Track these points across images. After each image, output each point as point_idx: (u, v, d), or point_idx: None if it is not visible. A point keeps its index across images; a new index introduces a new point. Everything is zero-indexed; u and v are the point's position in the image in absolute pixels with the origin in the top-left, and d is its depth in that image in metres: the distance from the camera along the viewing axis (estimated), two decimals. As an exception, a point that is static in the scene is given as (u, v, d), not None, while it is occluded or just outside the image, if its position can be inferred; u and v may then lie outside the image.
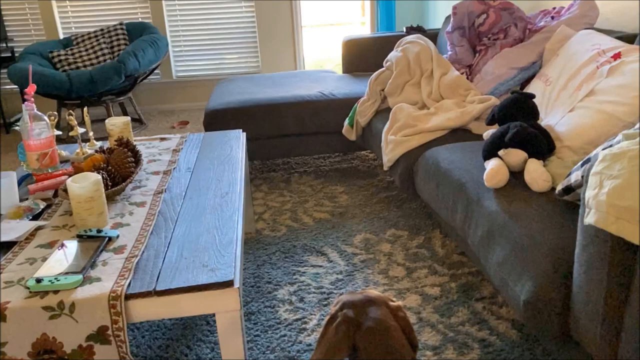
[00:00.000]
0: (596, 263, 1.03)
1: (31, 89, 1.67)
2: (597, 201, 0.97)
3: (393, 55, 2.59)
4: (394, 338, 0.84)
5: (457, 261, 1.95)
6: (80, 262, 1.15)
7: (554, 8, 2.42)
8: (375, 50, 3.35)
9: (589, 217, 0.98)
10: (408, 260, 1.97)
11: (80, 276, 1.10)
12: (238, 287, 1.10)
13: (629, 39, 1.91)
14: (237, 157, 1.84)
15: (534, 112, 1.71)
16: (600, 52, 1.77)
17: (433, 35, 3.26)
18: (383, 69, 2.58)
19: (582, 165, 1.24)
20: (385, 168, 2.22)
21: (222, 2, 4.49)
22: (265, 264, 2.00)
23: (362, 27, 8.54)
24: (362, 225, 2.27)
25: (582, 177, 1.19)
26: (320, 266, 1.96)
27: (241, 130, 2.19)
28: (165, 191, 1.56)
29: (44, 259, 1.20)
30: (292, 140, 2.82)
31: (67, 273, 1.11)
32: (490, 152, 1.59)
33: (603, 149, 1.19)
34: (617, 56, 1.69)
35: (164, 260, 1.19)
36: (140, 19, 4.45)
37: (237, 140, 2.02)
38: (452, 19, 2.51)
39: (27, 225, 1.35)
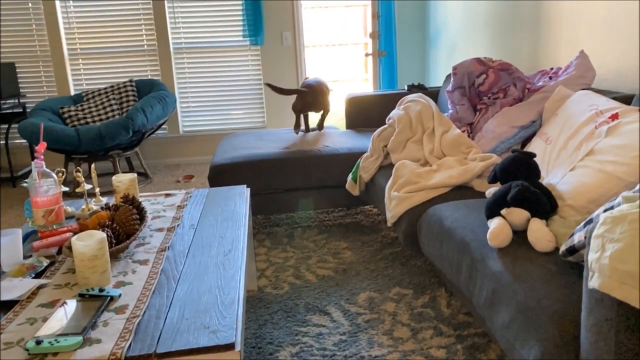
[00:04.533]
0: (603, 327, 1.02)
1: (41, 147, 1.71)
2: (600, 265, 0.97)
3: (395, 112, 2.65)
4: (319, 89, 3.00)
5: (463, 321, 1.92)
6: (81, 322, 1.14)
7: (552, 68, 2.50)
8: (378, 107, 3.43)
9: (593, 281, 0.98)
10: (413, 321, 1.94)
11: (80, 337, 1.08)
12: (239, 350, 1.08)
13: (625, 99, 1.96)
14: (240, 213, 1.85)
15: (535, 171, 1.73)
16: (598, 113, 1.81)
17: (434, 93, 3.34)
18: (386, 125, 2.63)
19: (585, 225, 1.25)
20: (389, 224, 2.22)
21: (230, 60, 4.64)
22: (267, 323, 1.97)
23: (365, 83, 8.76)
24: (366, 283, 2.25)
25: (585, 237, 1.19)
26: (324, 326, 1.93)
27: (245, 185, 2.21)
28: (168, 249, 1.56)
29: (45, 319, 1.19)
30: (296, 195, 2.84)
31: (67, 334, 1.10)
32: (493, 211, 1.60)
33: (604, 210, 1.20)
34: (614, 117, 1.73)
35: (165, 321, 1.17)
36: (149, 76, 4.60)
37: (241, 196, 2.04)
38: (452, 79, 2.59)
39: (29, 283, 1.34)
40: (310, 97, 3.05)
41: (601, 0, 2.34)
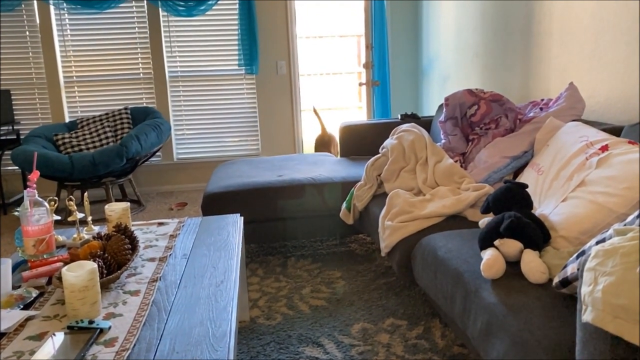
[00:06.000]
0: (598, 362, 1.01)
1: (34, 175, 1.70)
2: (592, 298, 0.97)
3: (389, 142, 2.67)
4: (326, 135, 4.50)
5: (457, 353, 1.90)
6: (69, 356, 1.12)
7: (542, 100, 2.54)
8: (372, 136, 3.46)
9: (587, 315, 0.98)
10: (407, 352, 1.92)
11: (67, 372, 1.06)
12: (230, 385, 1.06)
13: (614, 131, 1.99)
14: (233, 242, 1.84)
15: (527, 202, 1.74)
16: (588, 144, 1.83)
17: (427, 123, 3.37)
18: (379, 155, 2.65)
19: (577, 257, 1.25)
20: (383, 254, 2.21)
21: (225, 88, 4.68)
22: (259, 355, 1.93)
23: (359, 111, 8.83)
24: (360, 313, 2.22)
25: (578, 269, 1.19)
26: (317, 358, 1.90)
27: (239, 214, 2.20)
28: (160, 279, 1.55)
29: (32, 352, 1.17)
30: (290, 223, 2.83)
31: (54, 368, 1.07)
32: (486, 242, 1.60)
33: (596, 243, 1.20)
34: (604, 148, 1.75)
35: (155, 355, 1.15)
36: (145, 104, 4.62)
37: (234, 225, 2.03)
38: (444, 110, 2.62)
39: (18, 315, 1.32)
40: (321, 135, 4.63)
41: (590, 32, 2.40)
